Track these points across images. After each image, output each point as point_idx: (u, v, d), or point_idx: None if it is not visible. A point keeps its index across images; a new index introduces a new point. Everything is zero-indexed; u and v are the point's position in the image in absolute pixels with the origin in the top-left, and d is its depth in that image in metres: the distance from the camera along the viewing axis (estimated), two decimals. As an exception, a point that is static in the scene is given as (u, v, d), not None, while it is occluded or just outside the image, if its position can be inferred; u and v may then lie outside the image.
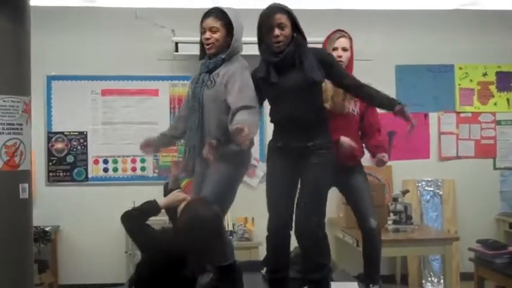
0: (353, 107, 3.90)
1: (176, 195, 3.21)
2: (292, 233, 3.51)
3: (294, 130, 3.40)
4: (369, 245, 3.97)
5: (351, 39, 3.92)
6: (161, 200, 3.15)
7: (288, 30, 3.34)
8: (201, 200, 3.18)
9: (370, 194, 4.00)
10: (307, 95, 3.38)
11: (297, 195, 3.48)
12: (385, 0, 5.62)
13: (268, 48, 3.39)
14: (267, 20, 3.35)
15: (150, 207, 3.10)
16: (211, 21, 3.51)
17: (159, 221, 3.36)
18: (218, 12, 3.54)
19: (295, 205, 3.47)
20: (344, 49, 3.86)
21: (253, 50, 3.59)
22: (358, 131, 4.02)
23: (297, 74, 3.35)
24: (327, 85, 3.72)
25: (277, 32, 3.32)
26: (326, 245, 3.63)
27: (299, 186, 3.52)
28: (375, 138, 4.07)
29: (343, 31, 3.94)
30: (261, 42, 3.45)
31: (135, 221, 2.99)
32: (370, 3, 5.65)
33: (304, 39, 3.43)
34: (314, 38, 5.99)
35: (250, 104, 3.33)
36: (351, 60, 3.91)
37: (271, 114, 3.55)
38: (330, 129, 3.62)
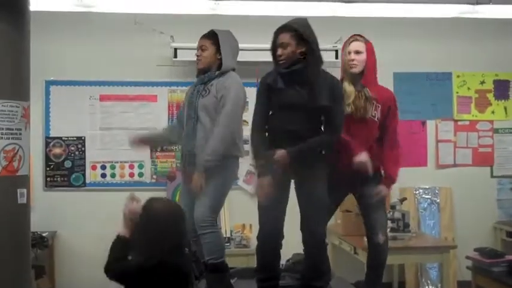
0: (375, 112, 3.86)
1: (125, 210, 3.13)
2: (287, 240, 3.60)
3: (287, 143, 3.45)
4: (373, 259, 3.95)
5: (366, 42, 3.92)
6: (121, 229, 3.10)
7: (290, 49, 3.46)
8: (154, 200, 3.19)
9: (383, 207, 3.95)
10: (308, 113, 3.47)
11: (301, 207, 3.54)
12: (383, 7, 5.62)
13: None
14: (273, 39, 3.54)
15: (119, 245, 3.03)
16: (202, 40, 3.96)
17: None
18: (211, 33, 3.95)
19: (300, 216, 3.54)
20: (357, 52, 3.86)
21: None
22: (377, 137, 3.94)
23: (305, 91, 3.45)
24: (350, 88, 3.82)
25: (279, 51, 3.48)
26: (326, 253, 3.69)
27: (298, 197, 3.58)
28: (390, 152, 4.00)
29: (358, 35, 3.96)
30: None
31: (119, 268, 2.95)
32: (368, 11, 5.65)
33: (319, 58, 3.53)
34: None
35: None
36: (369, 62, 3.89)
37: (269, 123, 3.61)
38: (349, 136, 3.72)
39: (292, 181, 3.62)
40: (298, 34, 3.46)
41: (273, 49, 3.53)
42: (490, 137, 6.49)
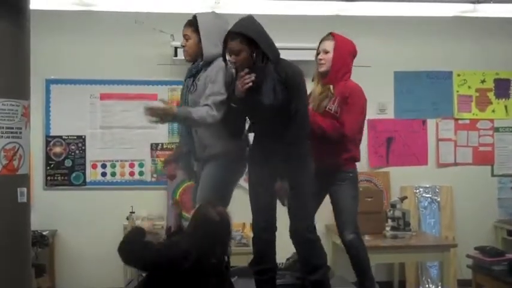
0: (331, 105, 3.83)
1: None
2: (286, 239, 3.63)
3: (269, 144, 3.49)
4: (351, 258, 3.96)
5: (336, 40, 3.91)
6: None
7: (243, 54, 3.37)
8: (209, 204, 3.21)
9: (351, 204, 3.91)
10: (272, 115, 3.43)
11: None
12: (385, 6, 5.63)
13: None
14: (225, 46, 3.44)
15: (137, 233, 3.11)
16: (184, 29, 3.71)
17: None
18: (193, 19, 3.69)
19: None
20: (325, 51, 3.91)
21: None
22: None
23: (254, 96, 3.41)
24: (316, 87, 3.91)
25: (232, 59, 3.41)
26: (320, 247, 3.70)
27: None
28: None
29: (331, 34, 3.97)
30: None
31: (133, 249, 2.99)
32: (370, 10, 5.66)
33: (273, 57, 3.43)
34: (314, 44, 5.99)
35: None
36: (334, 60, 3.87)
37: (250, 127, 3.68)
38: (312, 130, 3.67)
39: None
40: (247, 38, 3.34)
41: (224, 55, 3.47)
42: (491, 135, 6.48)
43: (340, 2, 5.45)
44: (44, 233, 5.41)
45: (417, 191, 6.34)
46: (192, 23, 3.69)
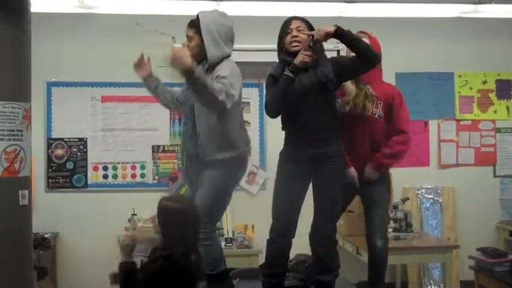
0: (376, 110, 3.87)
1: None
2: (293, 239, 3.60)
3: (307, 137, 3.48)
4: (372, 261, 3.98)
5: (370, 38, 3.96)
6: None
7: (304, 34, 3.51)
8: (165, 197, 3.26)
9: (384, 209, 3.98)
10: (320, 97, 3.46)
11: (315, 203, 3.56)
12: (386, 8, 5.62)
13: (286, 52, 3.55)
14: (285, 25, 3.57)
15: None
16: (187, 29, 3.64)
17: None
18: (195, 20, 3.61)
19: (313, 210, 3.57)
20: None
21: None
22: (383, 136, 3.94)
23: (311, 75, 3.47)
24: (350, 86, 3.84)
25: (295, 32, 3.52)
26: (336, 251, 3.71)
27: (314, 191, 3.59)
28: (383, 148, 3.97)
29: (362, 32, 3.99)
30: (280, 49, 3.62)
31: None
32: (371, 11, 5.65)
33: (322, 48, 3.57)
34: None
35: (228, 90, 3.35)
36: None
37: (284, 122, 3.61)
38: (350, 134, 3.72)
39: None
40: (308, 24, 3.58)
41: (284, 34, 3.55)
42: (493, 136, 6.48)
43: (342, 3, 5.45)
44: (46, 236, 5.41)
45: (419, 192, 6.34)
46: (195, 23, 3.60)
